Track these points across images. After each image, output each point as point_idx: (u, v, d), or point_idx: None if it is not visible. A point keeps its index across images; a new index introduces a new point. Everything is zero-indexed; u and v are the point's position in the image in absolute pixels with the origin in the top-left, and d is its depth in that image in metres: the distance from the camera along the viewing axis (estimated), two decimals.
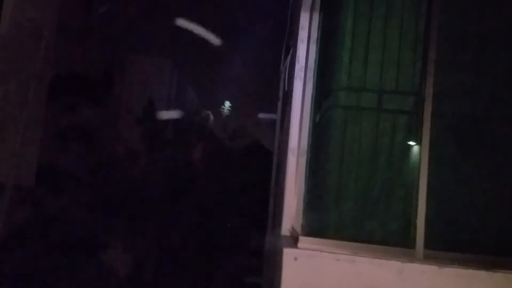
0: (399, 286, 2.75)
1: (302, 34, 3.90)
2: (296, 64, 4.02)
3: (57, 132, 11.79)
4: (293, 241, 3.34)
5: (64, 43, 10.90)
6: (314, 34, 3.62)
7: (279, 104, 8.20)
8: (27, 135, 8.81)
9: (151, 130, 13.32)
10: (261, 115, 10.11)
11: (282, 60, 7.75)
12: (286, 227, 4.62)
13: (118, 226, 10.46)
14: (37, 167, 9.67)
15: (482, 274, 2.74)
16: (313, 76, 3.60)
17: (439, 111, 2.97)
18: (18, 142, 8.54)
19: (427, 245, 2.91)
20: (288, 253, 2.96)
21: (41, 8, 9.11)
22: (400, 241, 2.98)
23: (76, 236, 9.60)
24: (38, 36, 8.75)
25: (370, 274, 2.80)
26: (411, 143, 3.10)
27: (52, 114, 10.97)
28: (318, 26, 3.43)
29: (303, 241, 3.02)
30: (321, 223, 3.15)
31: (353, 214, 3.08)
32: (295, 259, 2.94)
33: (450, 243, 2.97)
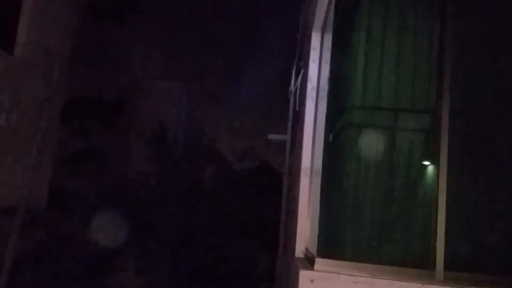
0: None
1: (314, 54, 3.92)
2: (308, 84, 4.02)
3: (69, 155, 11.89)
4: (309, 263, 3.28)
5: (77, 68, 11.08)
6: (326, 54, 3.62)
7: (289, 124, 8.20)
8: (39, 158, 8.87)
9: (161, 152, 13.38)
10: (271, 136, 10.09)
11: (292, 80, 7.78)
12: (300, 249, 4.55)
13: (129, 248, 10.41)
14: (49, 190, 9.71)
15: None
16: (326, 95, 3.59)
17: (457, 129, 2.92)
18: (31, 166, 8.59)
19: (447, 266, 2.83)
20: (304, 276, 2.89)
21: (54, 34, 9.29)
22: (419, 263, 2.90)
23: (87, 259, 9.56)
24: (51, 61, 8.90)
25: None
26: (429, 162, 3.05)
27: (64, 138, 11.07)
28: (331, 46, 3.43)
29: (320, 263, 2.96)
30: (337, 244, 3.09)
31: (371, 235, 3.02)
32: (312, 281, 2.88)
33: (470, 264, 2.89)
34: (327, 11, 3.82)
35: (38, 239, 9.67)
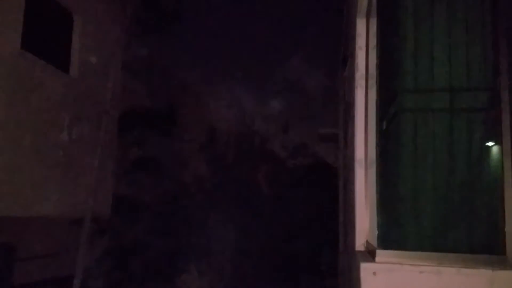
0: None
1: (360, 41, 3.82)
2: (356, 72, 3.92)
3: (129, 164, 12.36)
4: (370, 255, 3.20)
5: (128, 80, 11.51)
6: (373, 40, 3.51)
7: (340, 116, 8.04)
8: (101, 169, 9.28)
9: (214, 155, 13.61)
10: (322, 130, 9.91)
11: (339, 71, 7.64)
12: (360, 242, 4.44)
13: (191, 250, 10.66)
14: (113, 199, 10.13)
15: None
16: (375, 83, 3.48)
17: None
18: (94, 177, 9.01)
19: None
20: (365, 268, 2.82)
21: (105, 49, 9.69)
22: (488, 248, 2.75)
23: (153, 262, 9.90)
24: (104, 75, 9.30)
25: (459, 285, 2.60)
26: (491, 141, 2.88)
27: (123, 148, 11.53)
28: (376, 31, 3.33)
29: (381, 255, 2.88)
30: (399, 235, 2.99)
31: (434, 223, 2.89)
32: (374, 274, 2.80)
33: None
34: None
35: (105, 246, 10.12)
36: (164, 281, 9.83)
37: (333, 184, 9.57)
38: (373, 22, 3.51)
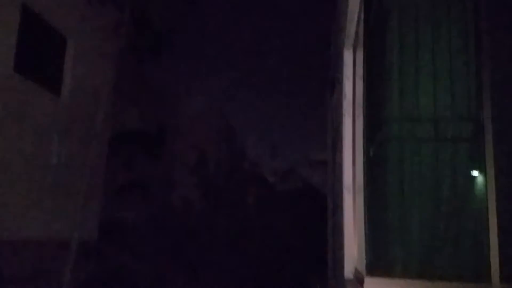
0: None
1: (347, 71, 3.92)
2: (344, 100, 4.02)
3: (117, 187, 12.28)
4: (358, 283, 3.21)
5: (120, 103, 11.54)
6: (359, 70, 3.61)
7: (329, 142, 8.14)
8: (89, 192, 9.20)
9: (204, 179, 13.58)
10: (311, 156, 10.03)
11: (328, 98, 7.77)
12: (348, 269, 4.45)
13: (178, 274, 10.52)
14: (100, 222, 10.02)
15: None
16: (362, 111, 3.57)
17: (502, 135, 2.83)
18: (81, 200, 8.91)
19: (504, 278, 2.70)
20: None
21: (97, 73, 9.74)
22: (473, 276, 2.78)
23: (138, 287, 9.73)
24: (95, 98, 9.31)
25: None
26: (475, 172, 2.95)
27: (112, 171, 11.46)
28: (363, 62, 3.43)
29: (369, 283, 2.89)
30: (386, 262, 3.01)
31: (421, 250, 2.92)
32: None
33: None
34: (357, 29, 3.83)
35: (91, 270, 9.94)
36: None
37: (322, 208, 9.59)
38: (360, 53, 3.61)
